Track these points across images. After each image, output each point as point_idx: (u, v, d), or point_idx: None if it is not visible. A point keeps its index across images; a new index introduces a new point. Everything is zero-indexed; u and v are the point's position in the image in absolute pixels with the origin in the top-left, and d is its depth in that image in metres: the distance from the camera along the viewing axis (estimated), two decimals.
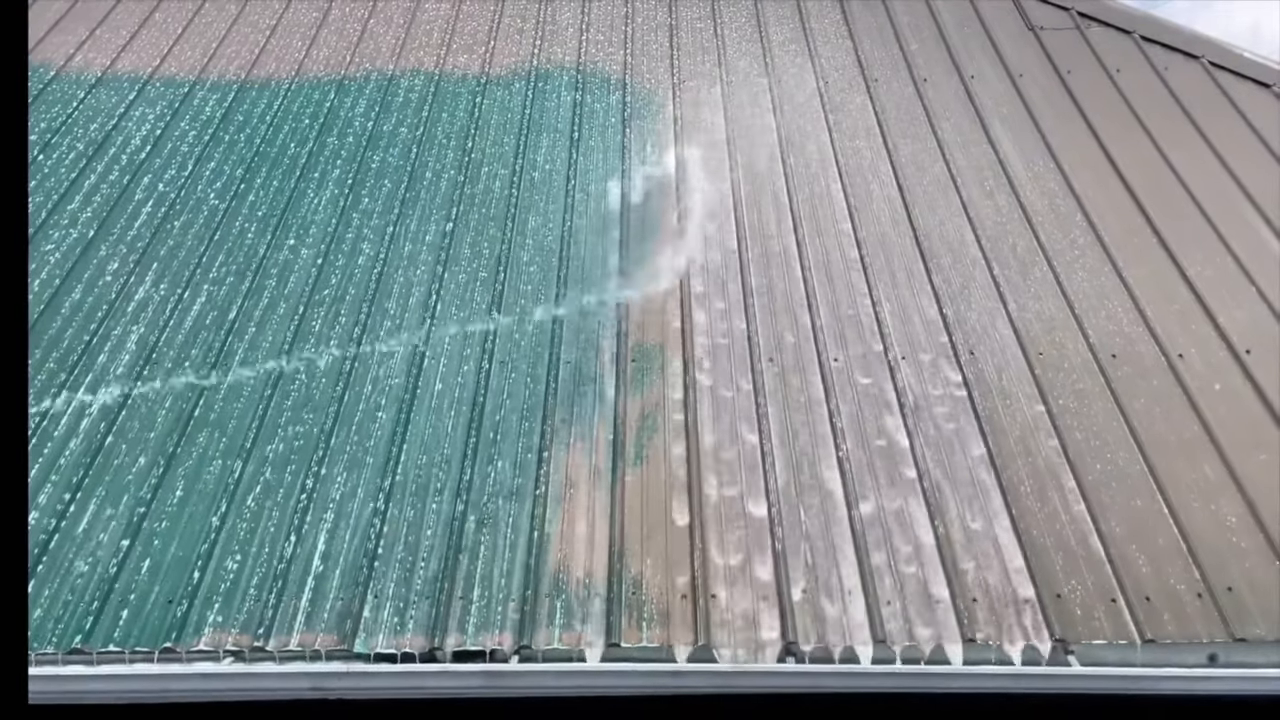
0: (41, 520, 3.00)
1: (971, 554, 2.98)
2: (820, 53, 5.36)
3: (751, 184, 4.45)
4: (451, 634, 2.76)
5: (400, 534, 3.00)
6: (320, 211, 4.20)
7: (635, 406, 3.42)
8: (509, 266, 3.96)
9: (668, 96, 4.99)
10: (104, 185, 4.32)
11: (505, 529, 3.03)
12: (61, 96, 4.89)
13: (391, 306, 3.78)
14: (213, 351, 3.56)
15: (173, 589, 2.83)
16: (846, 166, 4.55)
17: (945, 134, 4.75)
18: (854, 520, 3.07)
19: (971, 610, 2.83)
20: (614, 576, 2.90)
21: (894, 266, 4.03)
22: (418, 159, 4.52)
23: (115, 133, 4.62)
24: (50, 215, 4.14)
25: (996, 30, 5.50)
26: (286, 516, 3.03)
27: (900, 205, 4.33)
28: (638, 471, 3.21)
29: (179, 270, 3.90)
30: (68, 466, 3.16)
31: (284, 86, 4.99)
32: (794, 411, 3.42)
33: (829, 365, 3.59)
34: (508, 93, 5.01)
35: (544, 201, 4.31)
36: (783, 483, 3.18)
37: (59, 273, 3.87)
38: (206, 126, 4.68)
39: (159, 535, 2.97)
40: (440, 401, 3.41)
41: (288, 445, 3.24)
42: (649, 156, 4.59)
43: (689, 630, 2.78)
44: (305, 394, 3.42)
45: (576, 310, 3.78)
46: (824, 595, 2.87)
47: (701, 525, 3.05)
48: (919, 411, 3.42)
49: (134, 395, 3.39)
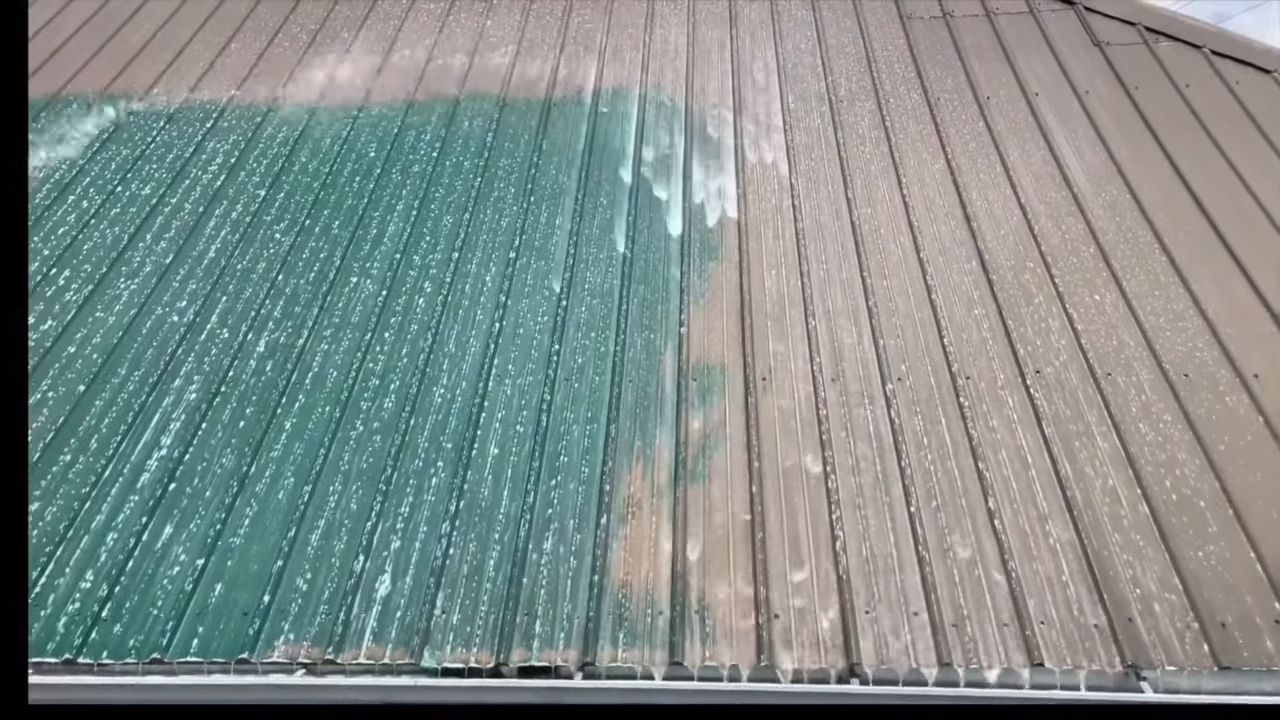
0: (121, 538, 3.10)
1: (1039, 579, 2.95)
2: (881, 69, 5.35)
3: (812, 202, 4.45)
4: (516, 649, 2.80)
5: (467, 552, 3.05)
6: (385, 243, 4.28)
7: (698, 425, 3.44)
8: (572, 287, 4.01)
9: (725, 113, 5.01)
10: (178, 216, 4.45)
11: (569, 546, 3.06)
12: (141, 126, 5.07)
13: (454, 330, 3.84)
14: (282, 376, 3.65)
15: (247, 604, 2.91)
16: (907, 183, 4.53)
17: (1010, 153, 4.71)
18: (920, 541, 3.04)
19: (1042, 635, 2.79)
20: (677, 594, 2.92)
21: (955, 284, 4.00)
22: (480, 189, 4.59)
23: (190, 165, 4.76)
24: (127, 247, 4.27)
25: (1061, 46, 5.44)
26: (355, 536, 3.09)
27: (964, 223, 4.30)
28: (700, 489, 3.22)
29: (250, 299, 3.99)
30: (146, 487, 3.26)
31: (353, 116, 5.11)
32: (857, 434, 3.41)
33: (890, 386, 3.57)
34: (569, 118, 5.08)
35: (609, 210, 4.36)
36: (846, 504, 3.17)
37: (137, 300, 3.99)
38: (277, 158, 4.80)
39: (233, 553, 3.06)
40: (505, 419, 3.46)
41: (356, 468, 3.30)
42: (710, 182, 4.61)
43: (752, 650, 2.78)
44: (374, 417, 3.48)
45: (639, 328, 3.81)
46: (889, 616, 2.85)
47: (765, 545, 3.05)
48: (985, 434, 3.38)
49: (207, 420, 3.49)
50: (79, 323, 3.87)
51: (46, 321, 3.88)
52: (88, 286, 4.05)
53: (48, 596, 2.94)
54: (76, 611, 2.89)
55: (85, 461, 3.34)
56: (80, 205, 4.51)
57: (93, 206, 4.50)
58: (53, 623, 2.87)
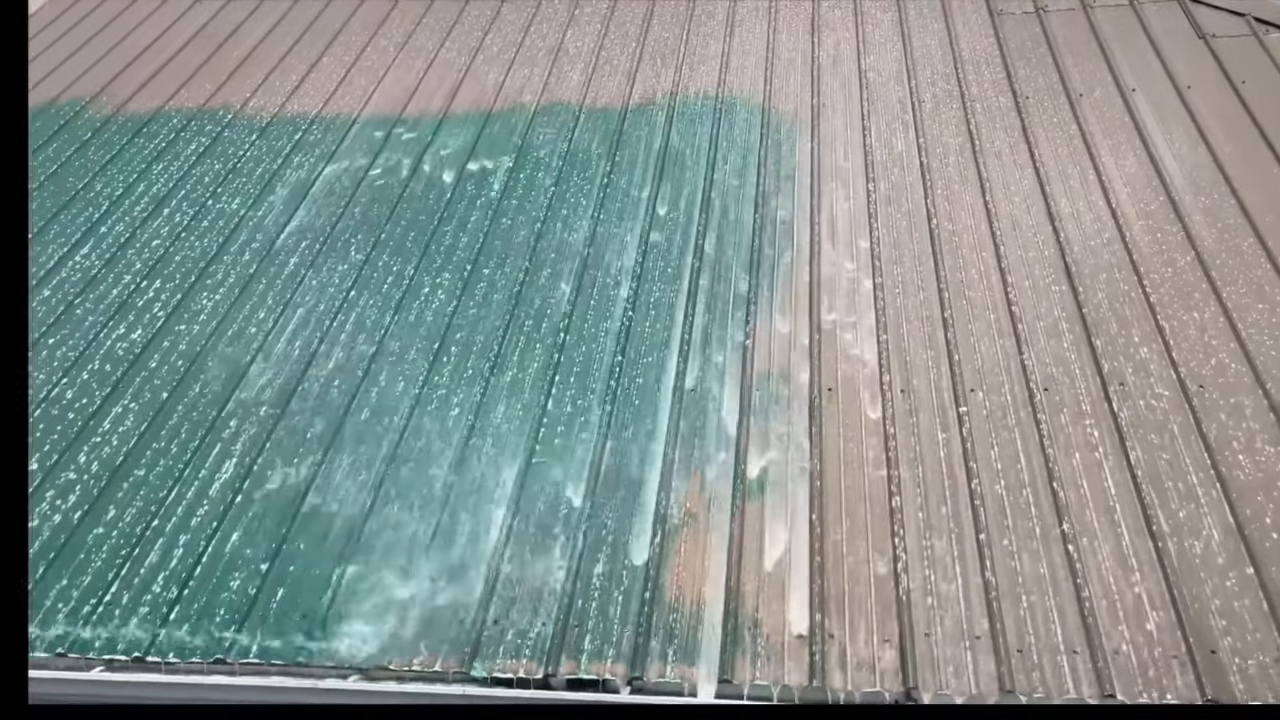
0: (194, 540, 3.20)
1: (1114, 606, 2.79)
2: (967, 68, 5.18)
3: (891, 204, 4.33)
4: (566, 662, 2.78)
5: (521, 563, 3.05)
6: (458, 253, 4.33)
7: (759, 436, 3.37)
8: (639, 293, 3.99)
9: (806, 122, 4.92)
10: (260, 229, 4.58)
11: (623, 560, 3.03)
12: (235, 140, 5.25)
13: (519, 343, 3.85)
14: (352, 382, 3.72)
15: (307, 609, 2.97)
16: (991, 187, 4.37)
17: (1102, 155, 4.50)
18: (986, 563, 2.92)
19: (1115, 665, 2.65)
20: (730, 611, 2.86)
21: (1038, 294, 3.83)
22: (553, 202, 4.61)
23: (275, 180, 4.91)
24: (214, 259, 4.42)
25: (1162, 39, 5.19)
26: (407, 547, 3.13)
27: (1050, 230, 4.12)
28: (759, 505, 3.16)
29: (324, 311, 4.08)
30: (216, 495, 3.36)
31: (432, 125, 5.19)
32: (925, 447, 3.29)
33: (964, 407, 3.43)
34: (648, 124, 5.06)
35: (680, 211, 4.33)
36: (910, 524, 3.06)
37: (220, 310, 4.13)
38: (358, 171, 4.91)
39: (296, 560, 3.13)
40: (565, 428, 3.46)
41: (409, 482, 3.34)
42: (781, 175, 4.54)
43: (804, 670, 2.71)
44: (437, 433, 3.52)
45: (700, 337, 3.76)
46: (949, 640, 2.74)
47: (822, 563, 2.97)
48: (1063, 455, 3.23)
49: (278, 426, 3.58)
50: (165, 332, 4.02)
51: (135, 331, 4.05)
52: (175, 297, 4.21)
53: (122, 596, 3.05)
54: (148, 613, 3.00)
55: (165, 465, 3.47)
56: (173, 219, 4.70)
57: (185, 220, 4.68)
58: (126, 620, 2.98)
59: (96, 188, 4.99)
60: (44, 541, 3.24)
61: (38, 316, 4.19)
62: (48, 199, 4.94)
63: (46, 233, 4.70)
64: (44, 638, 2.95)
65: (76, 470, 3.47)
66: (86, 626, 2.98)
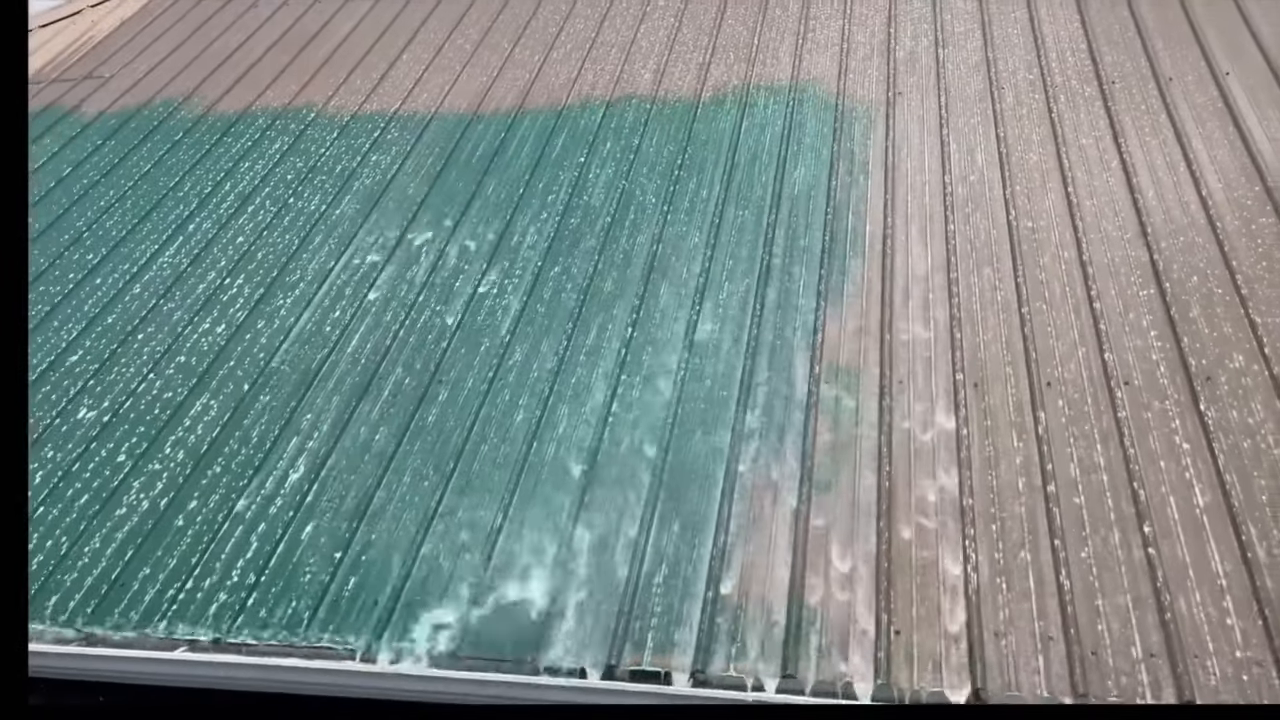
0: (271, 529, 3.30)
1: (1196, 610, 2.69)
2: (1049, 51, 5.04)
3: (969, 197, 4.24)
4: (629, 654, 2.79)
5: (588, 556, 3.07)
6: (525, 250, 4.37)
7: (827, 432, 3.33)
8: (709, 285, 3.97)
9: (879, 112, 4.85)
10: (338, 227, 4.69)
11: (688, 552, 3.03)
12: (316, 138, 5.39)
13: (589, 337, 3.87)
14: (426, 372, 3.79)
15: (376, 598, 3.03)
16: (1074, 179, 4.24)
17: (1193, 141, 4.33)
18: (1060, 564, 2.84)
19: (1195, 670, 2.55)
20: (794, 606, 2.84)
21: (1121, 287, 3.71)
22: (622, 196, 4.63)
23: (353, 178, 5.02)
24: (293, 256, 4.54)
25: (1258, 20, 4.97)
26: (480, 536, 3.17)
27: (1135, 222, 3.98)
28: (826, 500, 3.12)
29: (396, 308, 4.17)
30: (292, 484, 3.45)
31: (505, 123, 5.25)
32: (999, 443, 3.22)
33: (1043, 396, 3.35)
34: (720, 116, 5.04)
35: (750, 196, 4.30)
36: (980, 520, 2.99)
37: (299, 307, 4.24)
38: (434, 166, 4.99)
39: (370, 548, 3.20)
40: (631, 420, 3.47)
41: (485, 478, 3.39)
42: (855, 170, 4.48)
43: (870, 666, 2.68)
44: (507, 431, 3.56)
45: (771, 330, 3.74)
46: (1021, 641, 2.68)
47: (889, 561, 2.92)
48: (1144, 454, 3.12)
49: (351, 422, 3.67)
50: (247, 327, 4.15)
51: (220, 325, 4.18)
52: (258, 292, 4.34)
53: (204, 580, 3.16)
54: (227, 598, 3.10)
55: (245, 455, 3.58)
56: (256, 216, 4.84)
57: (267, 217, 4.82)
58: (208, 604, 3.08)
59: (186, 186, 5.17)
60: (132, 527, 3.37)
61: (130, 311, 4.35)
62: (141, 198, 5.13)
63: (139, 231, 4.88)
64: (129, 619, 3.07)
65: (162, 460, 3.60)
66: (171, 609, 3.09)
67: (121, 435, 3.73)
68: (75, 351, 4.17)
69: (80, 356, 4.15)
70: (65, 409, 3.88)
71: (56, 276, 4.65)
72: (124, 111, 5.96)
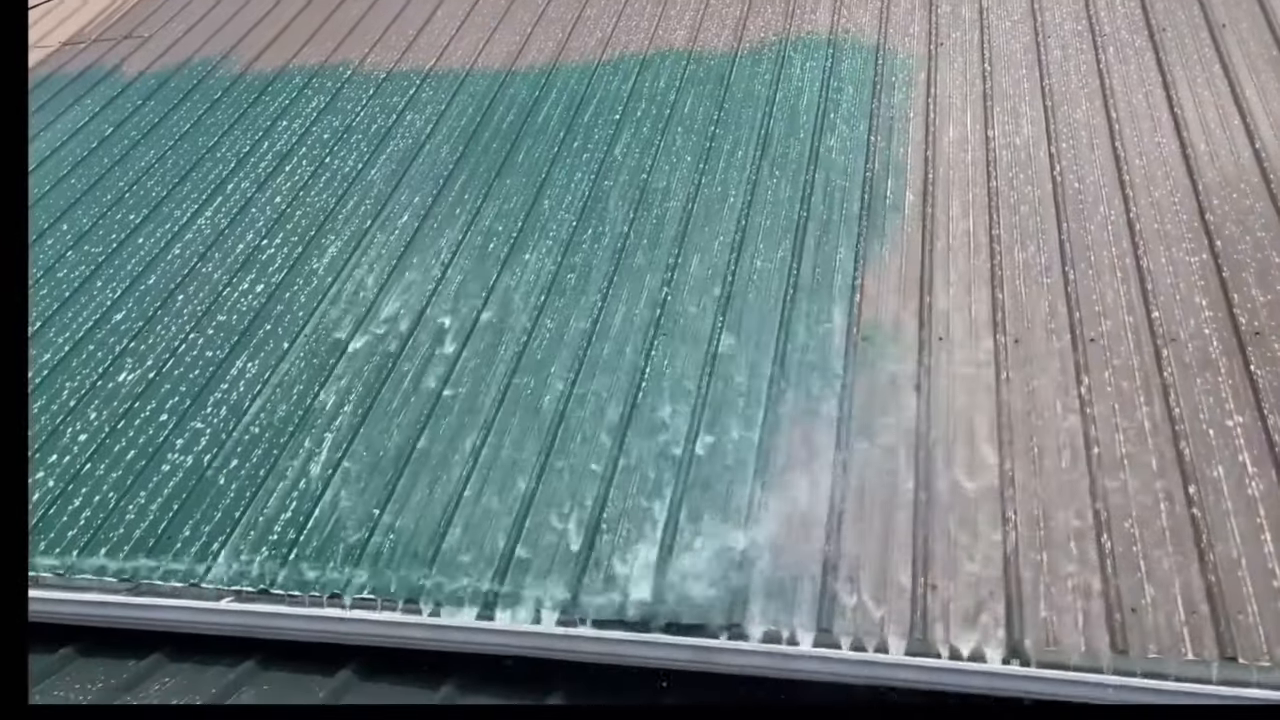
0: (312, 485, 3.34)
1: (1241, 568, 2.66)
2: (1099, 2, 4.91)
3: (1012, 154, 4.15)
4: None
5: (622, 506, 3.08)
6: (561, 213, 4.35)
7: (865, 385, 3.31)
8: (744, 244, 3.94)
9: (920, 66, 4.75)
10: (374, 187, 4.69)
11: (720, 513, 3.02)
12: (352, 96, 5.39)
13: (628, 289, 3.86)
14: (454, 343, 3.81)
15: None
16: (1122, 130, 4.14)
17: (1246, 90, 4.21)
18: (1102, 522, 2.80)
19: (1237, 625, 2.52)
20: (829, 562, 2.83)
21: (1168, 240, 3.63)
22: (660, 149, 4.59)
23: (389, 137, 5.01)
24: (330, 215, 4.56)
25: None
26: (508, 489, 3.20)
27: (1184, 172, 3.89)
28: (864, 452, 3.10)
29: (433, 262, 4.19)
30: (332, 444, 3.49)
31: (540, 80, 5.21)
32: (1040, 398, 3.17)
33: (1085, 349, 3.29)
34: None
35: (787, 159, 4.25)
36: (1020, 472, 2.96)
37: (336, 266, 4.27)
38: (470, 125, 4.97)
39: (407, 501, 3.24)
40: (672, 372, 3.46)
41: (515, 420, 3.41)
42: (895, 122, 4.41)
43: (904, 622, 2.67)
44: (540, 386, 3.57)
45: (809, 279, 3.71)
46: (1060, 597, 2.65)
47: (928, 516, 2.90)
48: (1189, 409, 3.06)
49: (386, 386, 3.70)
50: (286, 286, 4.18)
51: (259, 285, 4.22)
52: (296, 251, 4.37)
53: (248, 534, 3.21)
54: (270, 552, 3.15)
55: (285, 411, 3.63)
56: (294, 176, 4.86)
57: (304, 177, 4.84)
58: (252, 557, 3.14)
59: (225, 146, 5.20)
60: (177, 483, 3.43)
61: (171, 270, 4.41)
62: (181, 158, 5.17)
63: (179, 190, 4.92)
64: (176, 571, 3.14)
65: (204, 419, 3.65)
66: (215, 562, 3.15)
67: (164, 394, 3.79)
68: (120, 310, 4.23)
69: (125, 315, 4.21)
70: (109, 369, 3.95)
71: (100, 237, 4.71)
72: (163, 71, 6.00)
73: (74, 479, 3.52)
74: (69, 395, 3.86)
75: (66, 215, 4.89)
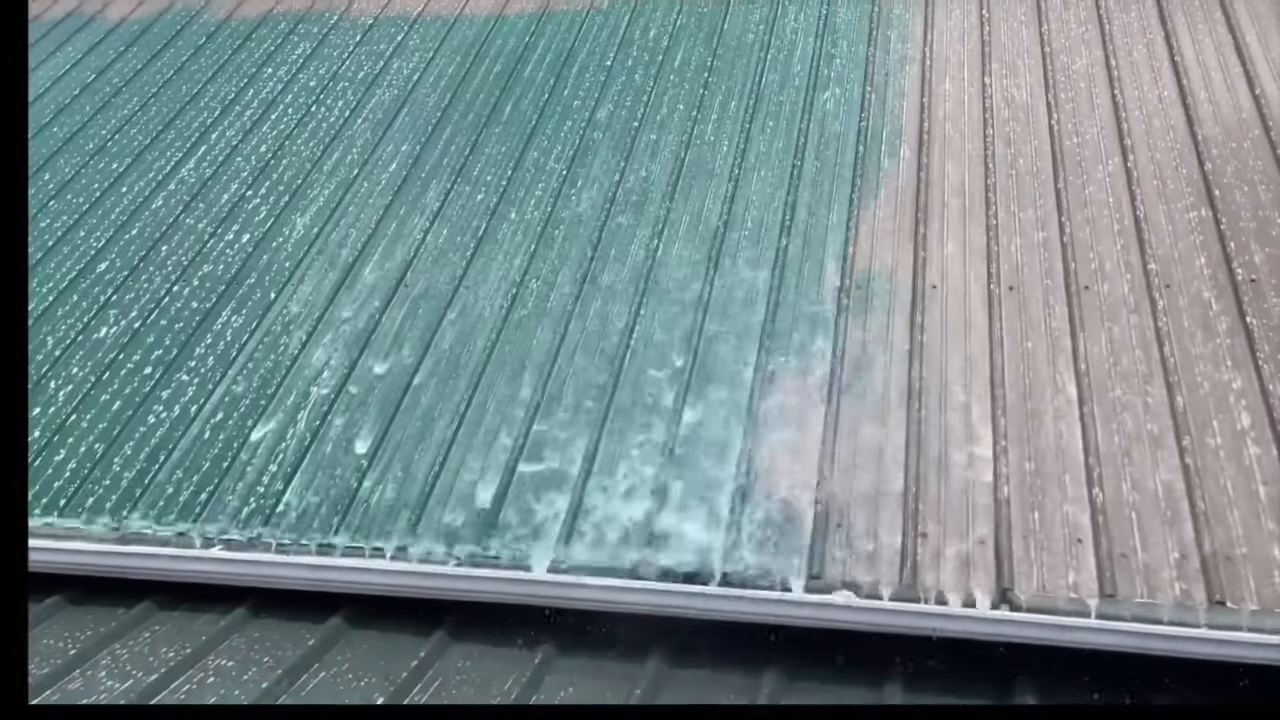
0: (302, 435, 3.32)
1: (1231, 514, 2.66)
2: None
3: (1008, 103, 4.09)
4: (661, 554, 2.80)
5: (612, 456, 3.07)
6: (550, 165, 4.29)
7: (857, 335, 3.28)
8: (737, 194, 3.90)
9: (917, 10, 4.68)
10: (360, 135, 4.63)
11: (712, 456, 3.01)
12: (339, 43, 5.29)
13: (616, 247, 3.82)
14: (452, 281, 3.76)
15: (406, 500, 3.06)
16: (1121, 80, 4.09)
17: (1248, 39, 4.15)
18: (1092, 471, 2.79)
19: (1226, 571, 2.53)
20: (820, 509, 2.82)
21: (1166, 188, 3.59)
22: (653, 95, 4.52)
23: (375, 84, 4.93)
24: (316, 165, 4.49)
25: None
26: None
27: (1184, 120, 3.85)
28: (856, 404, 3.09)
29: (426, 205, 4.14)
30: (320, 398, 3.47)
31: (530, 25, 5.12)
32: (1034, 343, 3.15)
33: (1079, 296, 3.27)
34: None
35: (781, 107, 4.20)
36: (1012, 421, 2.95)
37: (330, 208, 4.22)
38: (457, 73, 4.89)
39: (398, 447, 3.22)
40: (665, 318, 3.44)
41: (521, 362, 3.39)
42: (890, 69, 4.34)
43: (895, 568, 2.67)
44: (527, 326, 3.54)
45: (801, 230, 3.67)
46: (1049, 543, 2.66)
47: (919, 467, 2.89)
48: (1183, 356, 3.05)
49: (379, 328, 3.66)
50: (273, 235, 4.13)
51: (244, 236, 4.16)
52: (282, 200, 4.30)
53: (235, 485, 3.19)
54: (258, 503, 3.14)
55: (273, 360, 3.59)
56: (279, 125, 4.78)
57: (289, 126, 4.76)
58: (240, 508, 3.12)
59: (209, 93, 5.11)
60: (163, 434, 3.40)
61: (158, 218, 4.34)
62: (164, 106, 5.08)
63: (162, 139, 4.84)
64: (164, 520, 3.12)
65: (189, 372, 3.62)
66: (204, 512, 3.13)
67: (149, 346, 3.75)
68: (104, 260, 4.18)
69: (109, 265, 4.15)
70: (93, 320, 3.90)
71: (83, 186, 4.64)
72: (146, 17, 5.87)
73: (59, 430, 3.49)
74: (54, 345, 3.82)
75: (49, 164, 4.81)
